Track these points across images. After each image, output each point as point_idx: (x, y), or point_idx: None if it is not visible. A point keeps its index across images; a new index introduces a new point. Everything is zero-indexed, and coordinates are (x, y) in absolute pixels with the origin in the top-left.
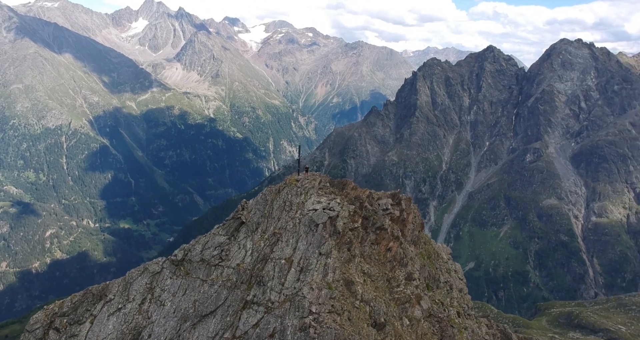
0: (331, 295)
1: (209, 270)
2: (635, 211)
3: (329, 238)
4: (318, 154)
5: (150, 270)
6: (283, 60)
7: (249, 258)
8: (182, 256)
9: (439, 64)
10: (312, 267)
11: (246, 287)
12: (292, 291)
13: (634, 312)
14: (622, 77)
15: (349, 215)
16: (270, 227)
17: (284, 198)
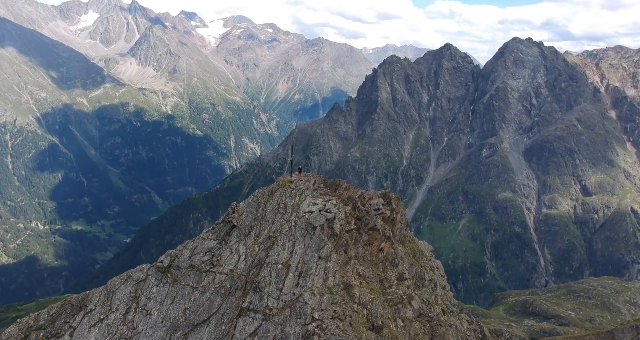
0: (333, 301)
1: (200, 277)
2: (581, 202)
3: (327, 241)
4: (281, 151)
5: (134, 278)
6: (243, 56)
7: (242, 263)
8: (168, 262)
9: (398, 61)
10: (312, 272)
11: (241, 293)
12: (291, 297)
13: (582, 298)
14: (569, 75)
15: (345, 217)
16: (265, 231)
17: (277, 200)
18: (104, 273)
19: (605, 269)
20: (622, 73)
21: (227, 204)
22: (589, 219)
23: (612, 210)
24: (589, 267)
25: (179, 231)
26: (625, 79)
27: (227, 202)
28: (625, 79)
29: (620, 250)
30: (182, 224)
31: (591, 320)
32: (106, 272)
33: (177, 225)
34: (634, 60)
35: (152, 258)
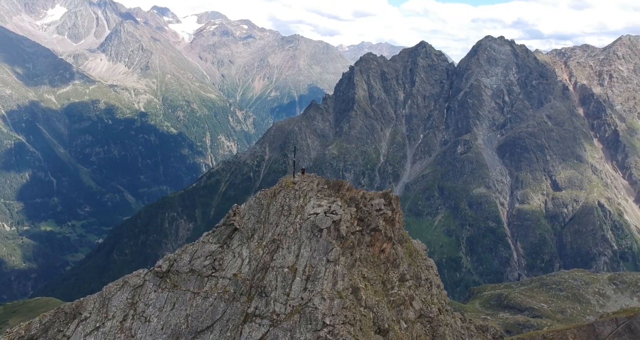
0: (343, 305)
1: (201, 282)
2: (552, 197)
3: (335, 244)
4: (258, 149)
5: (130, 284)
6: (218, 52)
7: (246, 267)
8: (167, 267)
9: (374, 59)
10: (321, 276)
11: (246, 298)
12: (299, 302)
13: (553, 290)
14: (539, 73)
15: (351, 219)
16: (268, 234)
17: (281, 202)
18: (75, 274)
19: (574, 262)
20: (589, 71)
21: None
22: (559, 213)
23: (580, 204)
24: (559, 259)
25: (154, 231)
26: (592, 77)
27: (203, 201)
28: (592, 77)
29: (588, 243)
30: (157, 223)
31: (562, 311)
32: (77, 273)
33: (152, 224)
34: (600, 59)
35: (125, 259)
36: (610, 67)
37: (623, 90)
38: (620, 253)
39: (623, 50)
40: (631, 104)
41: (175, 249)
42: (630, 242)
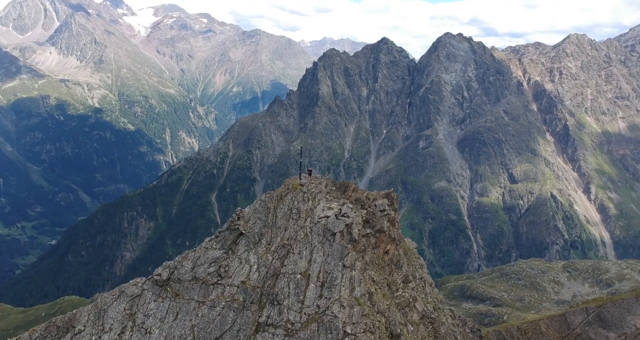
0: (363, 312)
1: (206, 290)
2: (509, 190)
3: (351, 248)
4: (222, 145)
5: (127, 294)
6: (176, 46)
7: (255, 274)
8: (167, 275)
9: (337, 55)
10: (338, 282)
11: (257, 307)
12: (314, 310)
13: (513, 279)
14: (496, 69)
15: (361, 221)
16: (277, 238)
17: (288, 205)
18: (27, 278)
19: (530, 251)
20: (541, 68)
21: (165, 201)
22: (515, 205)
23: (534, 196)
24: (516, 250)
25: (112, 231)
26: (544, 74)
27: (165, 199)
28: (544, 74)
29: (542, 233)
30: (115, 223)
31: (521, 299)
32: (29, 277)
33: (109, 224)
34: (551, 56)
35: (82, 260)
36: (560, 64)
37: (572, 87)
38: (571, 242)
39: (571, 48)
40: (579, 99)
41: (135, 249)
42: (579, 231)
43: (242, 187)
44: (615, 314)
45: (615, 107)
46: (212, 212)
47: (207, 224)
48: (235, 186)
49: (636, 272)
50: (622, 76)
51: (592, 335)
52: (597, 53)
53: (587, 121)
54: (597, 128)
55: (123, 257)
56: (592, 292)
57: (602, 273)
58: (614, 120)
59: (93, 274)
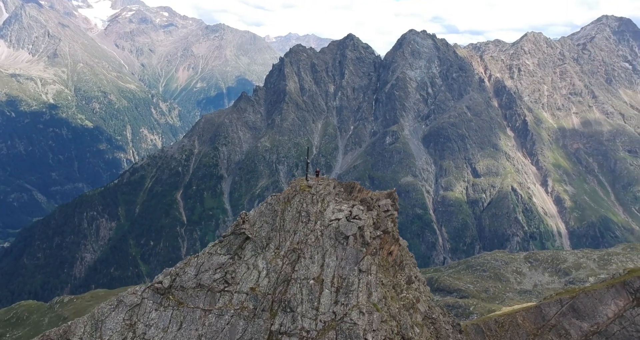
0: (382, 318)
1: (212, 298)
2: (472, 184)
3: (366, 252)
4: (187, 142)
5: (126, 303)
6: (136, 40)
7: (265, 280)
8: (169, 283)
9: (304, 51)
10: (355, 287)
11: (269, 314)
12: (330, 316)
13: (478, 271)
14: (459, 66)
15: (372, 223)
16: (286, 242)
17: (297, 207)
18: None
19: (492, 243)
20: (501, 65)
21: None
22: (478, 199)
23: (496, 189)
24: (479, 242)
25: (71, 232)
26: (504, 70)
27: (127, 198)
28: (504, 70)
29: (503, 225)
30: (74, 224)
31: (486, 290)
32: None
33: (68, 225)
34: (510, 53)
35: (38, 263)
36: (518, 61)
37: (530, 83)
38: (530, 233)
39: (529, 46)
40: (537, 95)
41: (96, 250)
42: (537, 222)
43: (209, 185)
44: (587, 305)
45: (569, 103)
46: (178, 211)
47: (172, 222)
48: (202, 184)
49: (591, 260)
50: (575, 73)
51: (566, 326)
52: (552, 51)
53: (544, 117)
54: (553, 123)
55: (83, 258)
56: (551, 281)
57: (560, 262)
58: (568, 116)
59: (50, 277)
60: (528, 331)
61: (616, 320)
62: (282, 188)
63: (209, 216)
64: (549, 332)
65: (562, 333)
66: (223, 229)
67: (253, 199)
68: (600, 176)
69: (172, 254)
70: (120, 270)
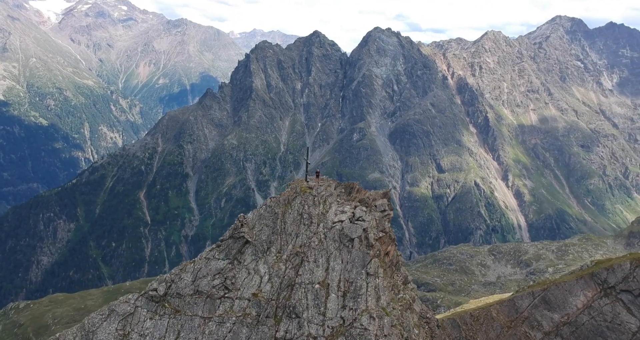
0: (392, 323)
1: (212, 305)
2: (437, 179)
3: (373, 255)
4: (150, 140)
5: (118, 312)
6: (94, 35)
7: (267, 285)
8: (164, 290)
9: (270, 47)
10: (363, 291)
11: (273, 321)
12: (338, 322)
13: (444, 265)
14: (423, 64)
15: (376, 224)
16: (288, 246)
17: (298, 209)
18: None
19: (456, 237)
20: (464, 63)
21: (87, 201)
22: (443, 194)
23: (460, 184)
24: (444, 236)
25: (26, 234)
26: (466, 68)
27: (86, 199)
28: (466, 68)
29: (467, 219)
30: (29, 226)
31: (453, 283)
32: None
33: (22, 228)
34: (471, 51)
35: None
36: (479, 59)
37: (491, 80)
38: (492, 226)
39: (489, 44)
40: (497, 93)
41: (54, 252)
42: (499, 216)
43: (174, 184)
44: (558, 296)
45: (528, 100)
46: (141, 211)
47: (135, 223)
48: (166, 183)
49: (550, 251)
50: (532, 71)
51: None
52: (511, 49)
53: (504, 113)
54: (513, 120)
55: (39, 262)
56: (514, 272)
57: (522, 254)
58: (526, 113)
59: (4, 281)
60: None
61: (585, 311)
62: (249, 186)
63: (174, 215)
64: (522, 324)
65: (534, 325)
66: (189, 228)
67: (220, 197)
68: (556, 170)
69: (136, 255)
70: (80, 273)
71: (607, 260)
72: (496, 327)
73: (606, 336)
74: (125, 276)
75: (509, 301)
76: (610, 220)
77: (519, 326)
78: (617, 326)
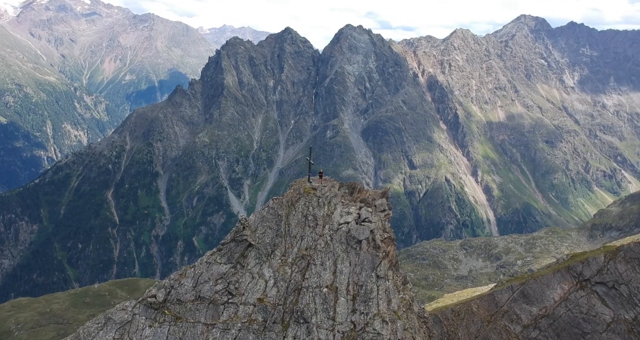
0: (404, 327)
1: (215, 311)
2: (409, 175)
3: (382, 257)
4: (117, 138)
5: (115, 320)
6: (55, 29)
7: (273, 290)
8: (164, 296)
9: (241, 44)
10: (374, 295)
11: (281, 327)
12: (349, 327)
13: (418, 260)
14: (394, 61)
15: (382, 225)
16: (293, 249)
17: (302, 211)
18: None
19: (428, 232)
20: (433, 60)
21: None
22: (415, 190)
23: (431, 180)
24: (416, 231)
25: None
26: (435, 66)
27: (50, 199)
28: (436, 66)
29: (438, 214)
30: None
31: (426, 278)
32: None
33: None
34: (441, 49)
35: None
36: (449, 56)
37: (460, 78)
38: (463, 221)
39: (458, 42)
40: (466, 90)
41: (15, 255)
42: (469, 211)
43: (143, 183)
44: (536, 290)
45: (495, 97)
46: (109, 211)
47: (103, 223)
48: (135, 182)
49: (518, 245)
50: (499, 69)
51: (517, 311)
52: (479, 47)
53: (473, 110)
54: (481, 116)
55: (1, 265)
56: (484, 266)
57: (492, 248)
58: (494, 109)
59: None
60: (482, 318)
61: (562, 303)
62: (222, 184)
63: (143, 215)
64: (502, 318)
65: (513, 318)
66: (160, 228)
67: (192, 196)
68: (522, 165)
69: (104, 257)
70: (44, 276)
71: (582, 253)
72: (477, 322)
73: (582, 327)
74: (92, 278)
75: (488, 296)
76: (573, 213)
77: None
78: (593, 317)
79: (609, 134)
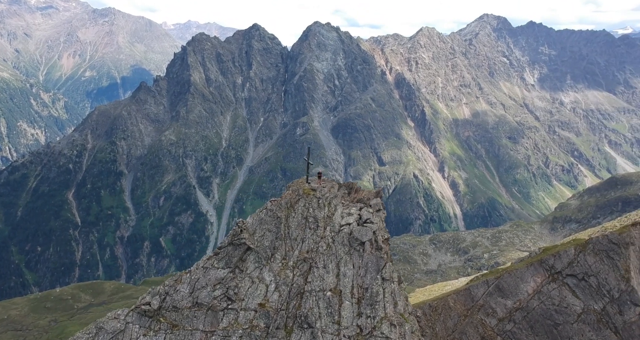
0: (412, 330)
1: (214, 317)
2: (378, 172)
3: (387, 259)
4: (78, 137)
5: (107, 330)
6: (7, 23)
7: (275, 294)
8: (158, 304)
9: (208, 40)
10: (380, 298)
11: (284, 332)
12: (355, 331)
13: (397, 255)
14: (362, 59)
15: (383, 226)
16: (294, 252)
17: (302, 213)
18: None
19: (397, 227)
20: (401, 58)
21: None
22: (384, 186)
23: (400, 177)
24: (386, 227)
25: None
26: (403, 63)
27: (6, 200)
28: (403, 63)
29: (407, 210)
30: None
31: None
32: None
33: None
34: (408, 47)
35: None
36: (415, 54)
37: (426, 75)
38: (430, 216)
39: (424, 40)
40: (432, 87)
41: None
42: (437, 206)
43: (107, 182)
44: (511, 284)
45: (460, 94)
46: (70, 212)
47: (64, 225)
48: (98, 181)
49: (485, 238)
50: (464, 66)
51: (492, 305)
52: (445, 45)
53: (439, 107)
54: (447, 113)
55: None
56: (453, 259)
57: (460, 242)
58: (459, 106)
59: None
60: (459, 313)
61: (535, 296)
62: (190, 183)
63: (107, 216)
64: (478, 311)
65: (489, 312)
66: (125, 229)
67: (158, 195)
68: (487, 161)
69: (65, 259)
70: (0, 281)
71: (553, 246)
72: (453, 316)
73: (554, 319)
74: (53, 282)
75: (465, 290)
76: (535, 207)
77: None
78: (564, 309)
79: (566, 130)
